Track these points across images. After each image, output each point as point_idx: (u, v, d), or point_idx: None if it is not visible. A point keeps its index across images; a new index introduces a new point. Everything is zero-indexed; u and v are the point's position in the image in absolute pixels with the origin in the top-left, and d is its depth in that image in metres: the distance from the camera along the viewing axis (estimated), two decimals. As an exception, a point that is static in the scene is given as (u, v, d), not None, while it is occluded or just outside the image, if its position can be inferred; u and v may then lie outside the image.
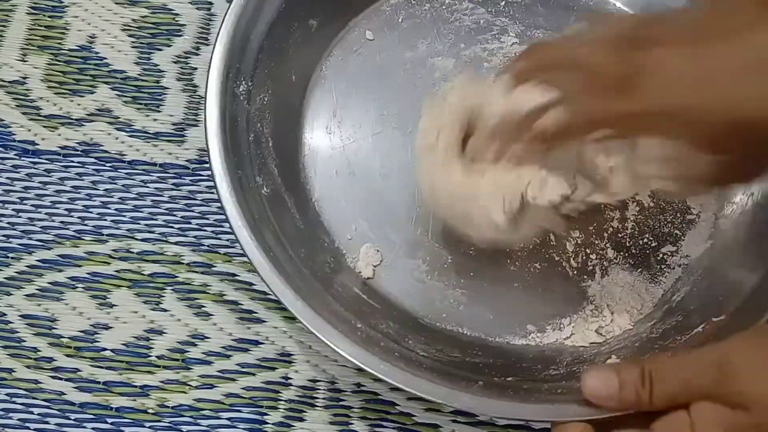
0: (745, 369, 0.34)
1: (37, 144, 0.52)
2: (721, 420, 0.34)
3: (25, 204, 0.51)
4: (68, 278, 0.49)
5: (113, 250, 0.50)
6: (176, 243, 0.50)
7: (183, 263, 0.49)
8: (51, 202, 0.51)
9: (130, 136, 0.52)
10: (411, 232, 0.48)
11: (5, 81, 0.54)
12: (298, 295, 0.40)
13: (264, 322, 0.48)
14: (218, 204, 0.50)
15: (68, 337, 0.48)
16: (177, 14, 0.56)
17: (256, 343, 0.48)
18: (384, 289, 0.47)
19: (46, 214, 0.50)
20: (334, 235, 0.48)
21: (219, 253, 0.50)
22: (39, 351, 0.47)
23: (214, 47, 0.45)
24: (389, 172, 0.49)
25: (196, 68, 0.54)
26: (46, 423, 0.46)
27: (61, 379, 0.47)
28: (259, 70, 0.47)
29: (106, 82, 0.54)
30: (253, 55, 0.47)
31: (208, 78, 0.44)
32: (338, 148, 0.50)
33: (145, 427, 0.46)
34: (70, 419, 0.46)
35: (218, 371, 0.47)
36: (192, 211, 0.51)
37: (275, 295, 0.40)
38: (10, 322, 0.48)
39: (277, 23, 0.48)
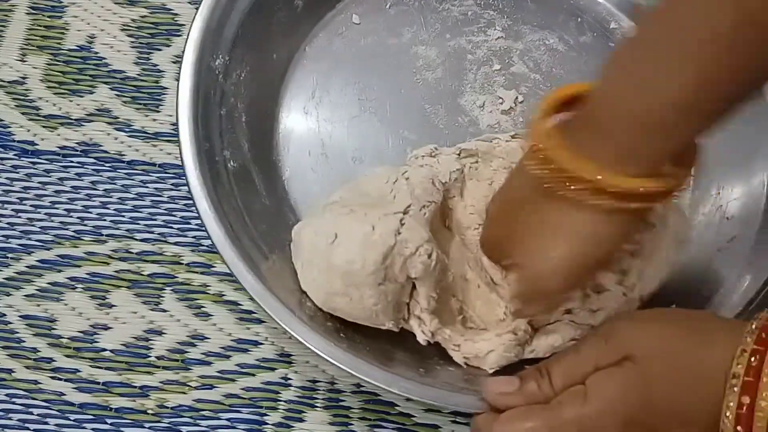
0: (625, 329, 0.37)
1: (37, 144, 0.52)
2: (613, 376, 0.35)
3: (25, 204, 0.51)
4: (67, 278, 0.49)
5: (112, 251, 0.50)
6: (175, 243, 0.50)
7: (182, 263, 0.49)
8: (50, 202, 0.51)
9: (129, 136, 0.52)
10: None
11: (4, 81, 0.54)
12: (249, 269, 0.41)
13: (263, 322, 0.48)
14: (217, 204, 0.51)
15: (68, 338, 0.48)
16: (176, 14, 0.56)
17: (256, 343, 0.48)
18: None
19: (45, 214, 0.50)
20: (301, 214, 0.48)
21: (218, 254, 0.49)
22: (38, 351, 0.47)
23: (193, 19, 0.45)
24: (362, 155, 0.49)
25: (195, 68, 0.54)
26: (46, 423, 0.46)
27: (60, 379, 0.47)
28: (238, 46, 0.47)
29: (105, 82, 0.54)
30: (233, 31, 0.47)
31: (184, 50, 0.45)
32: (314, 128, 0.50)
33: (144, 427, 0.46)
34: (69, 420, 0.46)
35: (218, 372, 0.47)
36: (191, 211, 0.50)
37: (227, 266, 0.41)
38: (10, 323, 0.48)
39: (261, 0, 0.48)
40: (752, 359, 0.32)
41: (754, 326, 0.34)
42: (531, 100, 0.51)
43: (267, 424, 0.46)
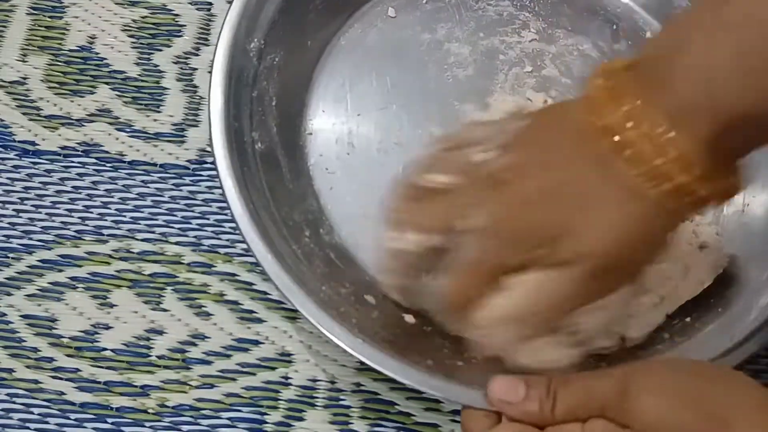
0: (637, 390, 0.35)
1: (38, 144, 0.52)
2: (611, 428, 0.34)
3: (26, 204, 0.51)
4: (68, 278, 0.49)
5: (113, 250, 0.50)
6: (176, 243, 0.50)
7: (183, 263, 0.49)
8: (51, 202, 0.51)
9: (130, 137, 0.52)
10: None
11: (5, 81, 0.54)
12: (269, 248, 0.41)
13: (264, 321, 0.48)
14: (219, 204, 0.51)
15: (68, 337, 0.48)
16: (177, 15, 0.56)
17: (256, 342, 0.48)
18: (357, 259, 0.47)
19: (46, 214, 0.50)
20: (324, 200, 0.48)
21: (219, 253, 0.50)
22: (39, 351, 0.47)
23: (231, 2, 0.46)
24: (387, 147, 0.50)
25: (196, 69, 0.54)
26: (47, 423, 0.46)
27: (61, 379, 0.47)
28: (275, 30, 0.48)
29: (106, 83, 0.54)
30: (270, 15, 0.48)
31: (221, 30, 0.46)
32: (342, 117, 0.50)
33: (145, 426, 0.46)
34: (70, 419, 0.46)
35: (218, 371, 0.47)
36: (192, 211, 0.51)
37: (246, 243, 0.41)
38: (11, 323, 0.48)
39: None
40: None
41: None
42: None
43: (267, 423, 0.46)
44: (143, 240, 0.50)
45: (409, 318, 0.45)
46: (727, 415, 0.33)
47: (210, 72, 0.46)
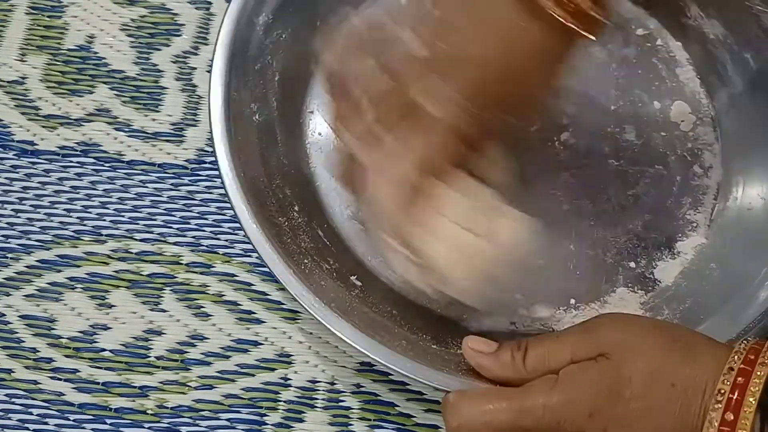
0: (607, 325, 0.37)
1: (36, 144, 0.52)
2: (586, 371, 0.35)
3: (24, 204, 0.51)
4: (67, 278, 0.49)
5: (112, 251, 0.49)
6: (175, 243, 0.50)
7: (182, 263, 0.49)
8: (50, 202, 0.51)
9: (128, 136, 0.52)
10: None
11: (4, 81, 0.54)
12: (255, 219, 0.42)
13: (263, 322, 0.48)
14: (218, 204, 0.51)
15: (67, 338, 0.48)
16: (176, 14, 0.56)
17: (256, 343, 0.48)
18: (346, 240, 0.47)
19: (44, 214, 0.50)
20: (318, 179, 0.48)
21: (218, 254, 0.49)
22: (38, 351, 0.47)
23: None
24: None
25: (195, 68, 0.54)
26: (45, 423, 0.46)
27: (60, 379, 0.47)
28: (285, 7, 0.48)
29: (104, 82, 0.54)
30: None
31: (230, 3, 0.46)
32: None
33: (144, 427, 0.46)
34: (69, 420, 0.46)
35: (217, 372, 0.47)
36: (191, 211, 0.50)
37: (233, 209, 0.42)
38: (9, 323, 0.48)
39: None
40: (738, 379, 0.33)
41: (743, 347, 0.34)
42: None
43: (267, 424, 0.46)
44: (142, 240, 0.50)
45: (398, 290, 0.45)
46: (691, 343, 0.36)
47: (216, 40, 0.45)
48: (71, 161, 0.52)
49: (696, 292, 0.46)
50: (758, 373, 0.33)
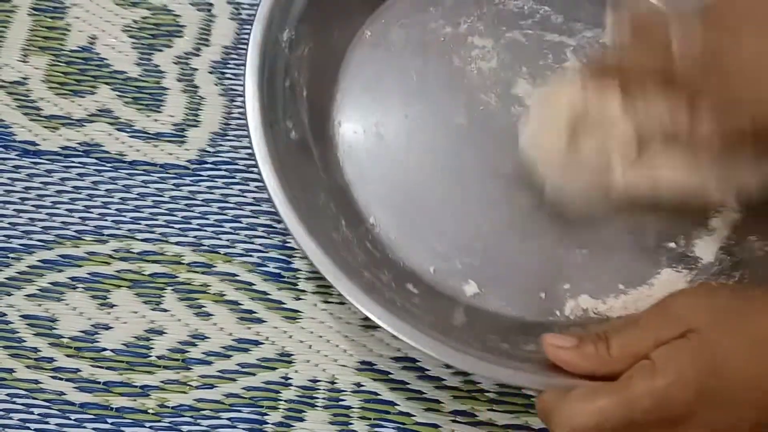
0: (682, 302, 0.37)
1: (38, 144, 0.52)
2: (680, 349, 0.35)
3: (26, 204, 0.51)
4: (69, 278, 0.49)
5: (114, 251, 0.50)
6: (176, 243, 0.50)
7: (183, 263, 0.49)
8: (52, 202, 0.51)
9: (130, 137, 0.52)
10: (429, 200, 0.49)
11: (6, 82, 0.54)
12: (311, 235, 0.41)
13: (264, 322, 0.48)
14: (219, 204, 0.51)
15: (68, 338, 0.48)
16: (178, 15, 0.56)
17: (257, 343, 0.48)
18: (394, 250, 0.48)
19: (46, 214, 0.51)
20: (354, 190, 0.49)
21: (219, 254, 0.50)
22: (39, 351, 0.47)
23: None
24: (416, 139, 0.50)
25: (196, 69, 0.54)
26: (47, 423, 0.46)
27: (61, 379, 0.47)
28: (304, 22, 0.48)
29: (106, 83, 0.54)
30: (300, 8, 0.48)
31: (254, 23, 0.46)
32: (369, 109, 0.51)
33: (145, 427, 0.46)
34: (70, 419, 0.46)
35: (218, 371, 0.47)
36: (192, 211, 0.51)
37: (289, 230, 0.41)
38: (11, 323, 0.48)
39: None
40: None
41: None
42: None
43: (267, 423, 0.46)
44: (143, 240, 0.50)
45: (461, 296, 0.46)
46: (761, 297, 0.36)
47: (245, 63, 0.45)
48: (73, 161, 0.52)
49: (741, 264, 0.46)
50: None
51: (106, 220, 0.50)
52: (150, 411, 0.46)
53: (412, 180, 0.49)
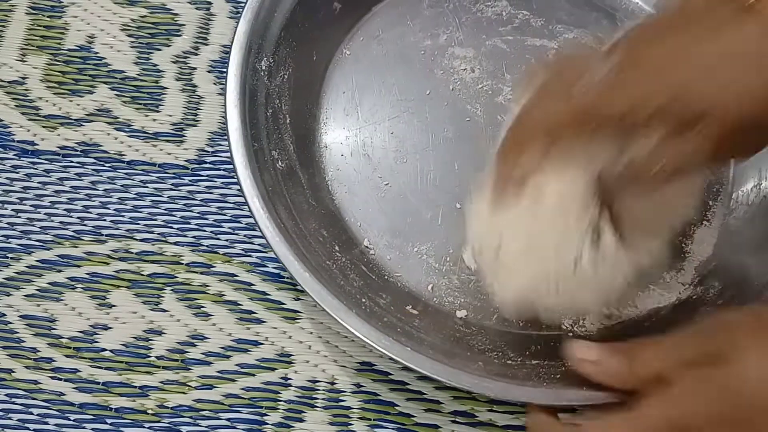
0: (709, 324, 0.36)
1: (37, 144, 0.52)
2: (709, 379, 0.34)
3: (24, 204, 0.51)
4: (67, 278, 0.49)
5: (112, 251, 0.50)
6: (175, 243, 0.50)
7: (182, 263, 0.49)
8: (50, 202, 0.51)
9: (129, 136, 0.52)
10: (422, 217, 0.48)
11: (4, 81, 0.54)
12: (305, 267, 0.41)
13: (264, 322, 0.48)
14: (218, 205, 0.51)
15: (67, 338, 0.48)
16: (176, 14, 0.56)
17: (256, 343, 0.48)
18: (391, 271, 0.47)
19: (45, 214, 0.50)
20: (346, 213, 0.48)
21: (218, 254, 0.50)
22: (38, 351, 0.47)
23: (238, 23, 0.46)
24: (404, 156, 0.50)
25: (195, 68, 0.54)
26: (46, 423, 0.46)
27: (60, 379, 0.47)
28: (282, 47, 0.48)
29: (105, 82, 0.54)
30: (276, 33, 0.48)
31: (231, 52, 0.45)
32: (354, 129, 0.50)
33: (144, 427, 0.46)
34: (69, 420, 0.46)
35: (218, 372, 0.47)
36: (191, 211, 0.51)
37: (283, 264, 0.41)
38: (10, 323, 0.48)
39: (301, 2, 0.49)
40: None
41: None
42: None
43: (267, 424, 0.46)
44: (142, 240, 0.50)
45: (461, 312, 0.46)
46: None
47: (225, 96, 0.45)
48: (72, 161, 0.52)
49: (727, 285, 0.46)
50: None
51: (104, 220, 0.50)
52: (149, 411, 0.46)
53: (403, 198, 0.49)
